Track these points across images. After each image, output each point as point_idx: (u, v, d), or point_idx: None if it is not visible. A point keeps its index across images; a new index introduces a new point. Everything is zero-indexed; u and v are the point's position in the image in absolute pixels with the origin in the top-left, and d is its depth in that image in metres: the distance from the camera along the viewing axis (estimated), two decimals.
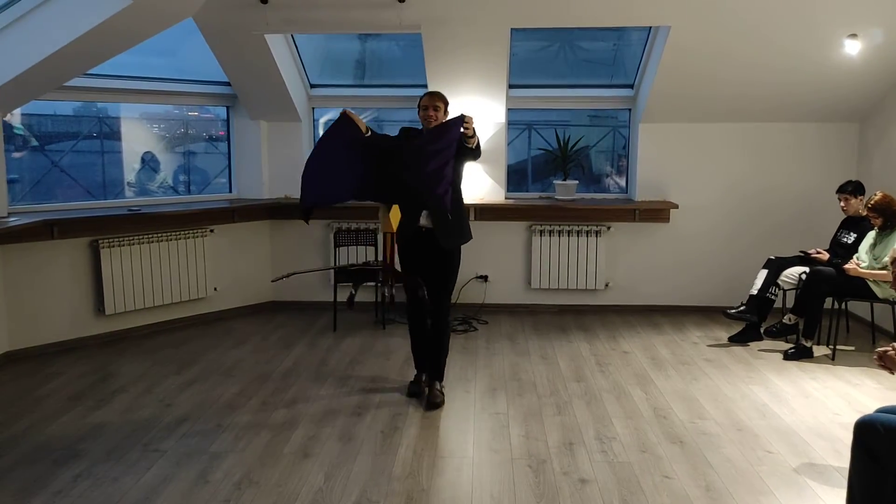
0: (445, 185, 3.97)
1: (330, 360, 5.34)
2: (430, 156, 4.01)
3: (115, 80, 6.05)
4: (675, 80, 6.01)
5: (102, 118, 6.64)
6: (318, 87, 6.90)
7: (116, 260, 5.69)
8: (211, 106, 6.96)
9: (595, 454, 3.80)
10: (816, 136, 6.48)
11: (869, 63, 5.70)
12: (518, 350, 5.58)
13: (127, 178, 6.62)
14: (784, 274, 5.68)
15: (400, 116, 7.44)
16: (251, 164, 6.78)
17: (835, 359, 5.32)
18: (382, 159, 4.26)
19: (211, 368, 5.13)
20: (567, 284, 6.64)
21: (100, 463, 3.69)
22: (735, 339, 5.76)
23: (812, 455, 3.79)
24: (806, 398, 4.59)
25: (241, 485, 3.47)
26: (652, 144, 6.56)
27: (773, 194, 6.54)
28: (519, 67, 6.76)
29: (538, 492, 3.41)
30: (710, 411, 4.37)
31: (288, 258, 6.70)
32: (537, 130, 7.18)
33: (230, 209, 6.45)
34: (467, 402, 4.43)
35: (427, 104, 4.44)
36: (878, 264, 5.17)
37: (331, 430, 4.08)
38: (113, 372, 5.07)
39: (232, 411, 4.36)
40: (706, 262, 6.65)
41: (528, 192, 7.06)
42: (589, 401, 4.54)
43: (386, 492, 3.40)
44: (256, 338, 5.89)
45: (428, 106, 4.43)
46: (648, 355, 5.45)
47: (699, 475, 3.58)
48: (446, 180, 3.98)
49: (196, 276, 6.20)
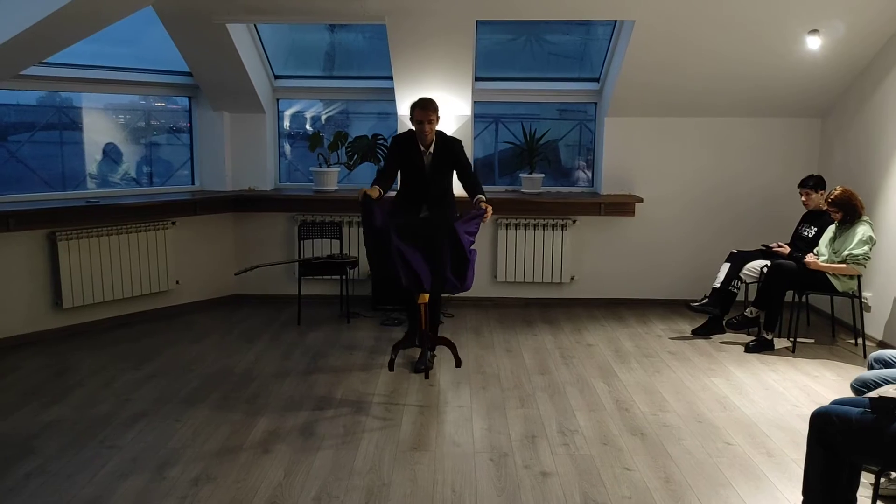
0: (471, 272, 4.28)
1: (293, 354, 5.29)
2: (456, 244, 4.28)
3: (74, 69, 5.91)
4: (640, 75, 6.04)
5: (65, 108, 6.50)
6: (282, 78, 6.82)
7: (75, 252, 5.57)
8: (173, 96, 6.84)
9: (557, 447, 3.80)
10: (779, 131, 6.55)
11: (830, 60, 5.77)
12: (483, 343, 5.57)
13: (88, 169, 6.49)
14: (746, 267, 5.73)
15: (368, 109, 7.39)
16: (214, 155, 6.68)
17: (795, 351, 5.39)
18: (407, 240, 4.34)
19: (171, 363, 5.05)
20: (533, 278, 6.64)
21: (54, 459, 3.61)
22: (698, 331, 5.81)
23: (771, 446, 3.83)
24: (766, 390, 4.64)
25: (199, 481, 3.41)
26: (617, 138, 6.58)
27: (736, 188, 6.61)
28: (485, 60, 6.74)
29: (499, 485, 3.40)
30: (672, 403, 4.40)
31: (251, 251, 6.63)
32: (505, 124, 7.17)
33: (192, 201, 6.35)
34: (431, 396, 4.40)
35: (422, 119, 4.58)
36: (837, 258, 5.24)
37: (292, 425, 4.04)
38: (70, 366, 4.97)
39: (191, 406, 4.29)
40: (670, 256, 6.70)
41: (494, 185, 7.05)
42: (552, 394, 4.55)
43: (346, 486, 3.37)
44: (218, 332, 5.81)
45: (423, 121, 4.58)
46: (612, 348, 5.48)
47: (659, 467, 3.60)
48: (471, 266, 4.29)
49: (157, 269, 6.10)
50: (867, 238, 5.12)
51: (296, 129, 7.37)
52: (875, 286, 5.56)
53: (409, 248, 4.18)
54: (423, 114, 4.59)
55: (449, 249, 4.16)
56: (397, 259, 4.15)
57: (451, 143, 4.85)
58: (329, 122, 7.33)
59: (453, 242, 4.18)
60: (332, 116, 7.37)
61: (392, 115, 6.60)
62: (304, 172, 7.13)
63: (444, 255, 4.17)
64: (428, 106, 4.61)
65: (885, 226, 5.47)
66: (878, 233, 5.37)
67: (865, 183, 5.70)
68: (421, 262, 4.18)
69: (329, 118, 7.36)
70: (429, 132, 4.64)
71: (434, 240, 4.20)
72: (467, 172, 4.85)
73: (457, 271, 4.18)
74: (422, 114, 4.59)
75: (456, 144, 4.87)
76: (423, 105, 4.62)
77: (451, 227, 4.20)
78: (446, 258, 4.16)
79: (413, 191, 4.89)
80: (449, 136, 4.94)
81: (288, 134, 7.27)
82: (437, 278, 4.20)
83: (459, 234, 4.17)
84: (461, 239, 4.16)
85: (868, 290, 5.57)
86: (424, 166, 4.79)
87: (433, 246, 4.19)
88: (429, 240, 4.20)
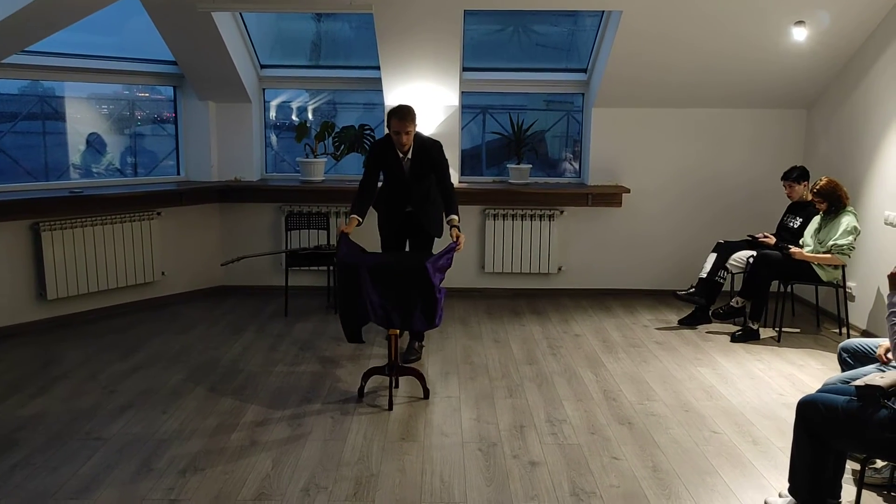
0: (439, 311, 4.21)
1: (280, 345, 5.27)
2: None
3: (57, 58, 5.84)
4: (628, 65, 6.04)
5: (48, 98, 6.42)
6: (268, 67, 6.77)
7: (59, 243, 5.51)
8: (157, 86, 6.78)
9: (545, 436, 3.81)
10: (765, 123, 6.57)
11: (815, 51, 5.79)
12: (471, 333, 5.57)
13: (72, 159, 6.43)
14: (733, 258, 5.76)
15: (355, 99, 7.35)
16: (199, 145, 6.63)
17: (780, 341, 5.43)
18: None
19: (157, 354, 5.02)
20: (520, 268, 6.65)
21: (39, 452, 3.58)
22: (684, 321, 5.84)
23: (756, 435, 3.86)
24: (752, 379, 4.67)
25: (187, 472, 3.39)
26: (605, 129, 6.59)
27: (722, 179, 6.63)
28: (473, 51, 6.72)
29: (488, 475, 3.41)
30: (659, 393, 4.42)
31: (238, 242, 6.59)
32: (492, 115, 7.16)
33: (178, 192, 6.30)
34: (419, 386, 4.40)
35: (399, 129, 4.53)
36: (822, 248, 5.27)
37: (280, 416, 4.03)
38: (55, 358, 4.93)
39: (178, 398, 4.27)
40: (657, 247, 6.72)
41: (482, 176, 7.04)
42: (540, 384, 4.56)
43: (335, 477, 3.37)
44: (205, 323, 5.78)
45: (400, 131, 4.53)
46: (600, 338, 5.49)
47: (646, 456, 3.61)
48: (439, 305, 4.20)
49: (143, 260, 6.06)
50: (852, 228, 5.16)
51: (282, 119, 7.33)
52: (859, 276, 5.60)
53: (380, 288, 4.17)
54: (399, 125, 4.53)
55: (419, 293, 4.15)
56: (366, 297, 4.13)
57: (429, 148, 4.77)
58: (316, 112, 7.29)
59: (424, 284, 4.15)
60: (318, 107, 7.33)
61: (379, 105, 6.57)
62: (291, 163, 7.09)
63: (413, 297, 4.16)
64: (405, 117, 4.53)
65: (870, 216, 5.51)
66: (863, 223, 5.41)
67: (850, 173, 5.73)
68: (390, 303, 4.17)
69: (315, 109, 7.31)
70: (406, 143, 4.59)
71: (405, 282, 4.18)
72: (444, 181, 4.79)
73: (426, 311, 4.17)
74: (398, 125, 4.53)
75: (434, 149, 4.79)
76: (400, 116, 4.54)
77: (422, 269, 4.17)
78: (416, 300, 4.15)
79: (395, 192, 4.87)
80: (428, 140, 4.86)
81: (274, 125, 7.22)
82: (405, 319, 4.19)
83: (431, 275, 4.14)
84: (432, 280, 4.14)
85: (852, 280, 5.62)
86: (404, 171, 4.76)
87: (404, 288, 4.18)
88: (400, 282, 4.18)
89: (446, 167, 4.83)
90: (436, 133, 6.48)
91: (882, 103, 5.42)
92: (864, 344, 3.53)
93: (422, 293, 4.13)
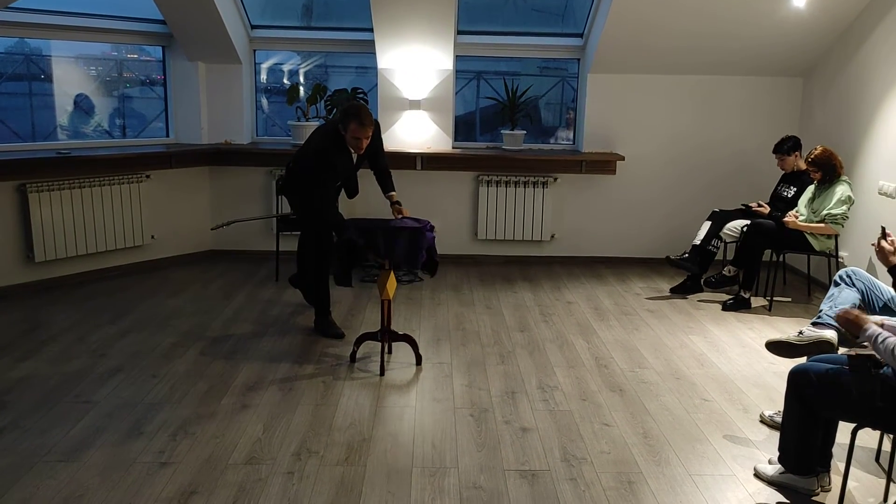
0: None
1: (271, 310, 5.24)
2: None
3: (43, 14, 5.70)
4: (624, 31, 5.95)
5: (34, 57, 6.29)
6: (259, 28, 6.65)
7: (46, 205, 5.44)
8: (146, 45, 6.65)
9: (537, 403, 3.81)
10: (761, 90, 6.52)
11: (815, 17, 5.71)
12: (463, 300, 5.56)
13: (59, 120, 6.32)
14: (727, 227, 5.74)
15: (347, 62, 7.24)
16: (189, 107, 6.52)
17: (771, 310, 5.44)
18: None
19: (147, 318, 4.98)
20: (513, 235, 6.62)
21: (27, 414, 3.55)
22: (676, 290, 5.84)
23: (747, 403, 3.87)
24: (742, 348, 4.68)
25: (177, 436, 3.38)
26: (600, 95, 6.52)
27: (717, 147, 6.59)
28: (467, 14, 6.61)
29: (479, 440, 3.41)
30: (650, 360, 4.43)
31: (228, 205, 6.52)
32: (487, 80, 7.07)
33: (167, 154, 6.22)
34: (410, 352, 4.39)
35: (359, 135, 4.36)
36: (816, 217, 5.26)
37: (271, 381, 4.01)
38: (42, 321, 4.89)
39: (168, 362, 4.25)
40: (651, 214, 6.70)
41: (476, 142, 6.98)
42: (532, 350, 4.56)
43: (326, 442, 3.36)
44: (195, 287, 5.74)
45: (360, 137, 4.37)
46: (592, 306, 5.49)
47: (637, 422, 3.62)
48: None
49: (132, 222, 5.99)
50: (846, 198, 5.14)
51: (273, 83, 7.22)
52: (852, 246, 5.60)
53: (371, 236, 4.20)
54: (361, 130, 4.33)
55: (408, 239, 4.15)
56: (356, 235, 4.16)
57: (376, 132, 4.62)
58: (307, 76, 7.18)
59: (416, 235, 4.15)
60: (310, 70, 7.22)
61: (372, 68, 6.47)
62: (283, 127, 7.00)
63: (402, 241, 4.15)
64: (367, 122, 4.35)
65: (864, 186, 5.49)
66: (857, 193, 5.40)
67: (845, 143, 5.70)
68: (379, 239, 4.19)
69: (307, 72, 7.20)
70: (364, 146, 4.45)
71: (398, 234, 4.19)
72: (382, 158, 4.73)
73: (411, 254, 4.18)
74: (360, 130, 4.33)
75: (377, 130, 4.64)
76: (362, 122, 4.33)
77: (418, 229, 4.18)
78: (404, 244, 4.16)
79: (337, 185, 4.80)
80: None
81: (265, 88, 7.12)
82: (389, 251, 4.18)
83: (426, 229, 4.17)
84: (427, 235, 4.16)
85: (844, 250, 5.62)
86: (353, 165, 4.68)
87: (394, 236, 4.18)
88: (391, 233, 4.19)
89: (383, 145, 4.80)
90: (429, 97, 6.42)
91: (880, 73, 5.37)
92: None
93: (411, 239, 4.14)
